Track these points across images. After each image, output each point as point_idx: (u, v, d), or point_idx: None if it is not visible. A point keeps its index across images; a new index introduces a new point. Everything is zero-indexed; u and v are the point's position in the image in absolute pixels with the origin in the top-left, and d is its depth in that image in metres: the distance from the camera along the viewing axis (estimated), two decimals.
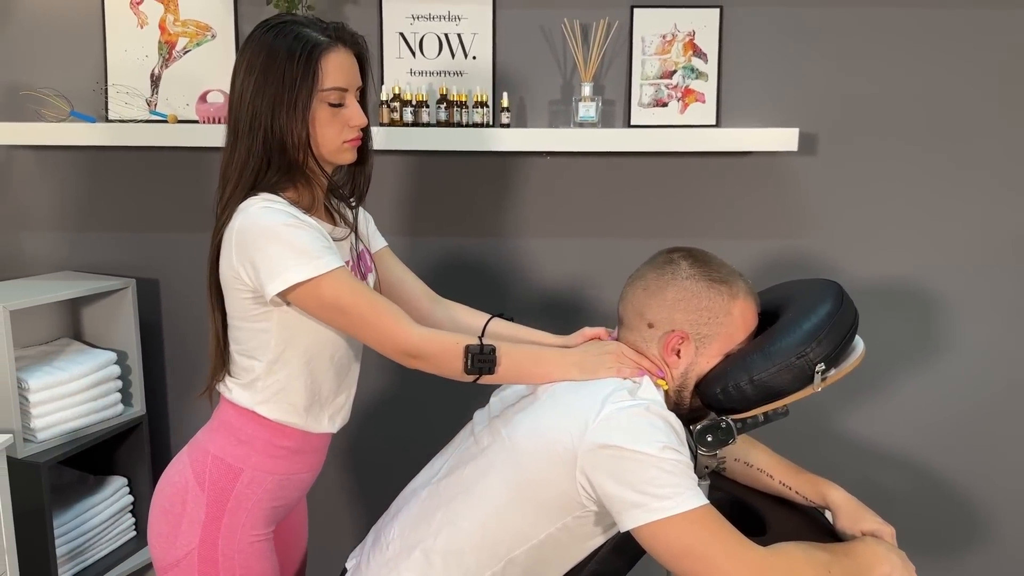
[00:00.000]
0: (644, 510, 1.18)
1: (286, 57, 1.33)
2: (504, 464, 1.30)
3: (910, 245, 2.30)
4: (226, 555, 1.41)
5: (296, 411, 1.43)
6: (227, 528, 1.41)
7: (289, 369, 1.40)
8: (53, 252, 2.33)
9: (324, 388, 1.45)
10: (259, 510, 1.44)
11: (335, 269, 1.31)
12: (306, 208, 1.37)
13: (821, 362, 1.29)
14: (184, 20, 2.24)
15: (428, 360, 1.35)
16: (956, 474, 2.41)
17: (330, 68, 1.35)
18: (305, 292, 1.30)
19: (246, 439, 1.43)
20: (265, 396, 1.41)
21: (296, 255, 1.29)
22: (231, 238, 1.33)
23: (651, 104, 2.23)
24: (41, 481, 1.97)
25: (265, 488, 1.44)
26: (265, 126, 1.34)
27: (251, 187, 1.35)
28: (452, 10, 2.21)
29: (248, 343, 1.40)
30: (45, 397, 2.03)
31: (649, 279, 1.39)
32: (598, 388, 1.29)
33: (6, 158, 2.29)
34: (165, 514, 1.44)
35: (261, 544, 1.45)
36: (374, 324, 1.33)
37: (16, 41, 2.23)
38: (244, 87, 1.35)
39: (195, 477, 1.43)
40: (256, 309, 1.36)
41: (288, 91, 1.32)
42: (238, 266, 1.32)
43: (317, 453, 1.52)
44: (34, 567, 2.00)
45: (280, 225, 1.30)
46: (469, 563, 1.31)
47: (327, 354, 1.43)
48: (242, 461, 1.42)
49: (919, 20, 2.20)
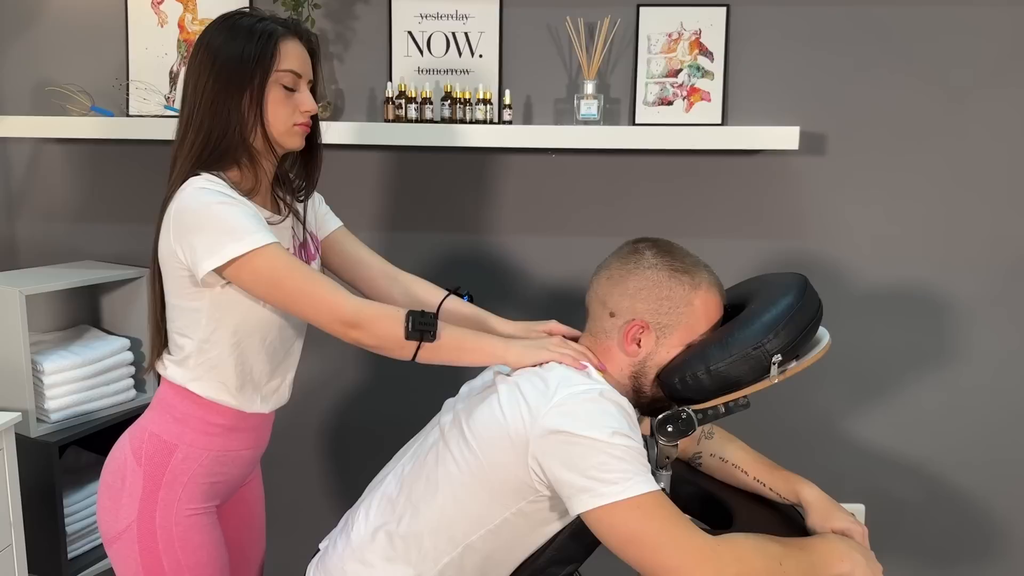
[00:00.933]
0: (592, 495, 1.19)
1: (246, 38, 1.38)
2: (461, 450, 1.32)
3: (921, 248, 2.25)
4: (164, 527, 1.45)
5: (227, 390, 1.47)
6: (163, 502, 1.45)
7: (219, 349, 1.44)
8: (74, 242, 2.43)
9: (256, 370, 1.49)
10: (195, 485, 1.48)
11: (270, 244, 1.34)
12: (247, 191, 1.41)
13: (778, 354, 1.28)
14: (202, 19, 2.31)
15: (367, 328, 1.35)
16: (970, 484, 2.35)
17: (287, 52, 1.41)
18: (240, 267, 1.33)
19: (181, 416, 1.47)
20: (197, 374, 1.45)
21: (230, 231, 1.32)
22: (169, 219, 1.37)
23: (656, 103, 2.23)
24: (52, 460, 2.05)
25: (200, 463, 1.48)
26: (217, 106, 1.38)
27: (195, 164, 1.39)
28: (459, 9, 2.24)
29: (181, 321, 1.44)
30: (59, 380, 2.10)
31: (613, 268, 1.40)
32: (552, 375, 1.30)
33: (34, 151, 2.39)
34: (108, 489, 1.50)
35: (199, 517, 1.48)
36: (310, 295, 1.35)
37: (43, 39, 2.34)
38: (201, 70, 1.40)
39: (133, 453, 1.48)
40: (191, 288, 1.40)
41: (245, 68, 1.38)
42: (175, 245, 1.36)
43: (255, 431, 1.55)
44: (45, 543, 2.08)
45: (215, 204, 1.33)
46: (427, 547, 1.33)
47: (257, 337, 1.46)
48: (177, 438, 1.47)
49: (929, 20, 2.16)
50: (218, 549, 1.52)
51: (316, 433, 2.46)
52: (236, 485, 1.60)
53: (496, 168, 2.30)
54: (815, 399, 2.34)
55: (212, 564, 1.50)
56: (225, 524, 1.58)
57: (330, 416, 2.45)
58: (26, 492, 1.96)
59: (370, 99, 2.30)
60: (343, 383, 2.42)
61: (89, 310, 2.39)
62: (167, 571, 1.45)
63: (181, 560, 1.46)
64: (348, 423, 2.44)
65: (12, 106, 2.35)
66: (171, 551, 1.45)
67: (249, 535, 1.69)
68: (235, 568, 1.64)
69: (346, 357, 2.39)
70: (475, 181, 2.31)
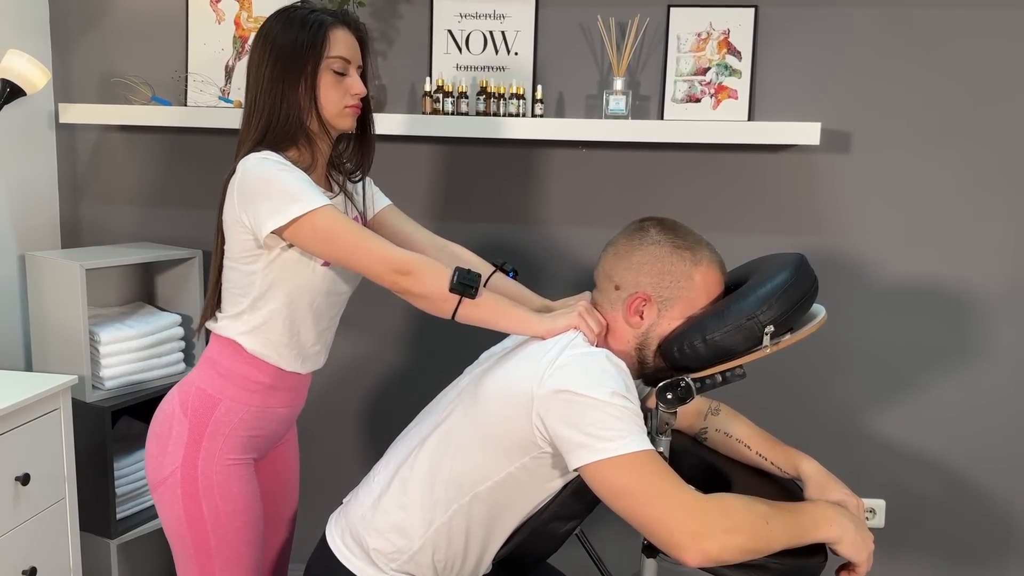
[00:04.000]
0: (589, 450, 1.27)
1: (299, 28, 1.53)
2: (474, 406, 1.41)
3: (944, 245, 2.29)
4: (205, 474, 1.58)
5: (273, 346, 1.59)
6: (206, 451, 1.58)
7: (270, 307, 1.56)
8: (133, 224, 2.59)
9: (302, 331, 1.61)
10: (235, 437, 1.60)
11: (326, 205, 1.46)
12: (304, 169, 1.53)
13: (770, 325, 1.35)
14: (257, 17, 2.46)
15: (415, 276, 1.44)
16: (990, 482, 2.36)
17: (336, 40, 1.54)
18: (300, 226, 1.44)
19: (225, 373, 1.60)
20: (247, 328, 1.58)
21: (290, 194, 1.45)
22: (233, 187, 1.51)
23: (684, 100, 2.31)
24: (105, 425, 2.20)
25: (240, 417, 1.60)
26: (276, 90, 1.52)
27: (258, 144, 1.52)
28: (497, 8, 2.35)
29: (238, 282, 1.57)
30: (113, 350, 2.26)
31: (619, 244, 1.48)
32: (558, 339, 1.39)
33: (98, 137, 2.56)
34: (156, 438, 1.63)
35: (238, 468, 1.61)
36: (365, 247, 1.45)
37: (111, 34, 2.51)
38: (261, 58, 1.54)
39: (180, 406, 1.61)
40: (251, 251, 1.53)
41: (300, 57, 1.52)
42: (239, 211, 1.49)
43: (292, 392, 1.67)
44: (95, 503, 2.23)
45: (275, 170, 1.47)
46: (439, 494, 1.42)
47: (306, 300, 1.58)
48: (220, 392, 1.59)
49: (956, 20, 2.20)
50: (254, 500, 1.64)
51: (355, 410, 2.57)
52: (273, 441, 1.72)
53: (525, 160, 2.40)
54: (836, 394, 2.38)
55: (247, 512, 1.62)
56: (261, 479, 1.70)
57: (368, 394, 2.56)
58: (80, 454, 2.11)
59: (411, 94, 2.41)
60: (383, 363, 2.54)
61: (144, 288, 2.55)
62: (206, 514, 1.58)
63: (219, 505, 1.58)
64: (386, 400, 2.56)
65: (80, 95, 2.53)
66: (210, 496, 1.58)
67: (283, 491, 1.81)
68: (268, 522, 1.76)
69: (386, 338, 2.51)
70: (504, 172, 2.41)
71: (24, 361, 2.44)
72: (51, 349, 2.27)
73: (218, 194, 1.56)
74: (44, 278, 2.26)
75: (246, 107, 1.57)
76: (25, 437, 1.90)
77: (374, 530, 1.46)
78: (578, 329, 1.42)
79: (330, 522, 1.58)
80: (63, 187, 2.59)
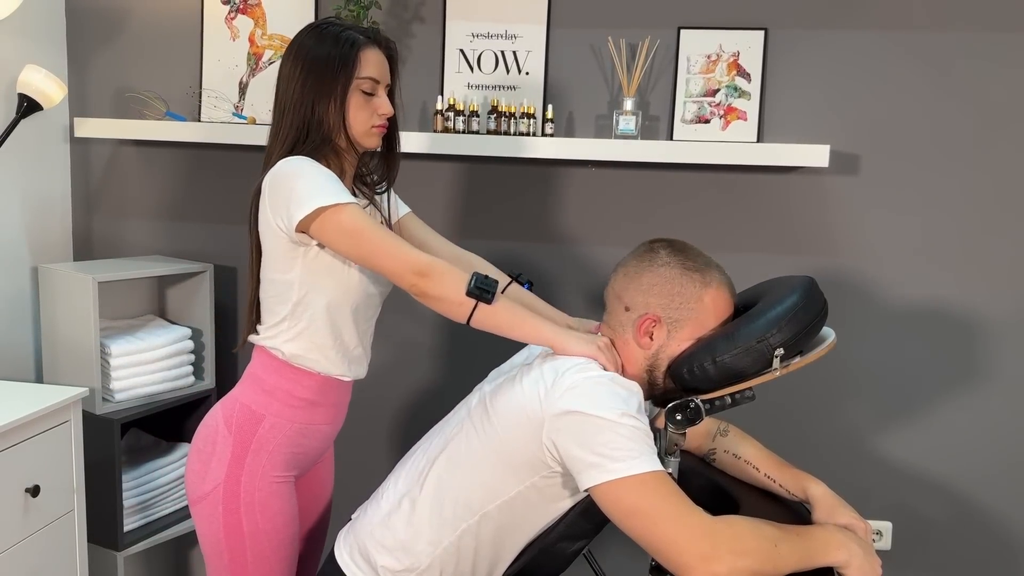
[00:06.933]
0: (600, 470, 1.28)
1: (332, 46, 1.55)
2: (484, 426, 1.42)
3: (953, 268, 2.29)
4: (248, 491, 1.58)
5: (319, 348, 1.60)
6: (249, 467, 1.59)
7: (311, 311, 1.58)
8: (145, 238, 2.61)
9: (345, 333, 1.62)
10: (279, 454, 1.61)
11: (353, 203, 1.48)
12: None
13: (780, 347, 1.36)
14: (271, 34, 2.49)
15: (434, 278, 1.45)
16: (998, 504, 2.35)
17: (366, 61, 1.57)
18: (326, 219, 1.46)
19: (269, 389, 1.61)
20: (291, 334, 1.59)
21: (319, 188, 1.47)
22: (265, 190, 1.53)
23: (694, 121, 2.32)
24: (114, 437, 2.21)
25: (285, 434, 1.61)
26: (306, 104, 1.55)
27: (288, 153, 1.55)
28: (509, 29, 2.37)
29: (276, 292, 1.59)
30: (124, 362, 2.27)
31: (629, 266, 1.49)
32: (568, 360, 1.40)
33: (113, 151, 2.59)
34: (198, 453, 1.64)
35: (281, 485, 1.61)
36: (387, 248, 1.47)
37: (126, 50, 2.54)
38: (292, 71, 1.57)
39: (224, 422, 1.62)
40: (287, 258, 1.54)
41: (331, 75, 1.54)
42: (271, 212, 1.51)
43: (334, 408, 1.69)
44: (105, 514, 2.24)
45: (305, 166, 1.50)
46: (448, 513, 1.43)
47: (348, 303, 1.60)
48: (265, 408, 1.60)
49: (964, 44, 2.22)
50: (292, 519, 1.65)
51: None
52: (314, 458, 1.72)
53: (534, 179, 2.41)
54: (843, 415, 2.38)
55: (285, 530, 1.63)
56: (297, 496, 1.71)
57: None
58: (88, 465, 2.12)
59: (422, 112, 2.43)
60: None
61: (156, 301, 2.57)
62: (245, 531, 1.59)
63: (259, 523, 1.59)
64: (396, 418, 2.57)
65: (95, 109, 2.56)
66: (251, 513, 1.58)
67: (316, 510, 1.83)
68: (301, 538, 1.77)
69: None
70: (514, 191, 2.42)
71: (35, 373, 2.46)
72: (62, 361, 2.29)
73: (230, 208, 1.58)
74: (56, 290, 2.28)
75: (274, 120, 1.60)
76: (36, 449, 1.91)
77: (383, 548, 1.47)
78: (595, 360, 1.42)
79: (339, 538, 1.59)
80: (76, 200, 2.61)
